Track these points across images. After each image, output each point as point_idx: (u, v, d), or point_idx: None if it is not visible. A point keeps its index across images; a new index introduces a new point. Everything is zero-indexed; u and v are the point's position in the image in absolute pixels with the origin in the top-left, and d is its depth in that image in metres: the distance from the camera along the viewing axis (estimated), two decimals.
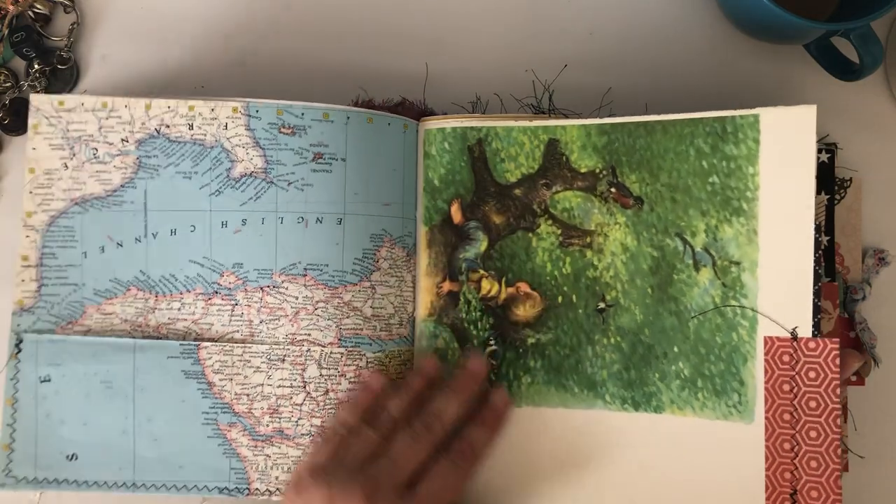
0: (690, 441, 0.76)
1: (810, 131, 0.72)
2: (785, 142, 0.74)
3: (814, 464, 0.72)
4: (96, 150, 0.78)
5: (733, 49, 0.88)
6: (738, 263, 0.75)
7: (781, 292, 0.74)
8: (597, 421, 0.78)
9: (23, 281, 0.78)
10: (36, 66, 0.85)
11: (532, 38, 0.88)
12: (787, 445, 0.73)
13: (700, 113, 0.76)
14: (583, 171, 0.80)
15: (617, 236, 0.78)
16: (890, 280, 0.86)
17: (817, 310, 0.73)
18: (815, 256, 0.74)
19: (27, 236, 0.78)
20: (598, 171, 0.79)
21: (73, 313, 0.78)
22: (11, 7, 0.85)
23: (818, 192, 0.84)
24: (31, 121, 0.79)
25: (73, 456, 0.76)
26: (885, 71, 0.88)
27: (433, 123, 0.82)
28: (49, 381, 0.76)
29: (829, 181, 0.85)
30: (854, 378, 0.84)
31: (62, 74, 0.86)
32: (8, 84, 0.86)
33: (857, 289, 0.85)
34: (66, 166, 0.78)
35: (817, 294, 0.73)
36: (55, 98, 0.79)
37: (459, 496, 0.74)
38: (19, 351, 0.77)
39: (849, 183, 0.86)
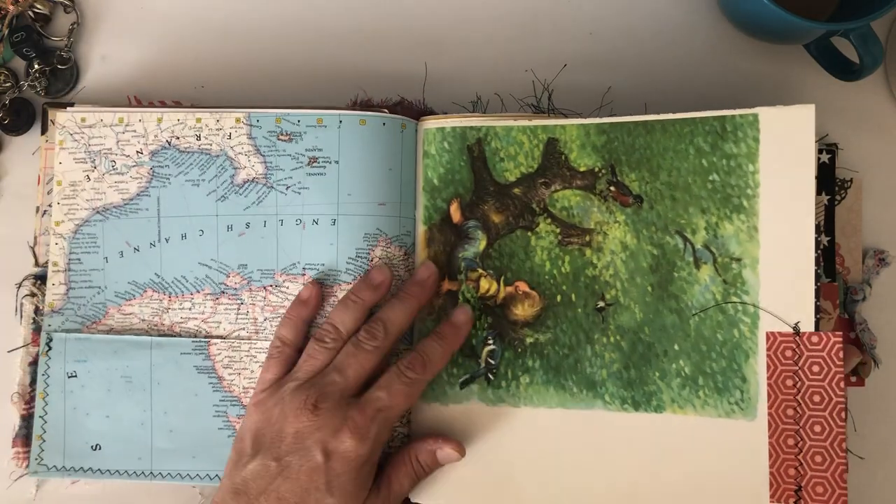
0: (692, 440, 0.71)
1: (809, 130, 0.70)
2: (784, 140, 0.71)
3: (819, 459, 0.68)
4: (114, 162, 0.78)
5: (733, 49, 0.84)
6: (738, 260, 0.71)
7: (783, 288, 0.70)
8: (596, 421, 0.73)
9: (53, 285, 0.78)
10: (36, 66, 0.82)
11: (532, 38, 0.84)
12: (790, 441, 0.68)
13: (699, 112, 0.73)
14: (582, 169, 0.75)
15: (616, 235, 0.74)
16: (890, 281, 0.82)
17: (817, 310, 0.70)
18: (814, 256, 0.73)
19: (56, 244, 0.78)
20: (597, 169, 0.75)
21: (96, 314, 0.78)
22: (11, 7, 0.81)
23: (818, 193, 0.79)
24: (56, 137, 0.79)
25: (97, 446, 0.77)
26: (885, 71, 0.83)
27: (432, 123, 0.78)
28: (75, 376, 0.77)
29: (830, 182, 0.81)
30: (854, 379, 0.79)
31: (62, 74, 0.83)
32: (8, 84, 0.82)
33: (858, 289, 0.80)
34: (89, 178, 0.79)
35: (816, 294, 0.69)
36: (78, 115, 0.79)
37: (408, 405, 0.71)
38: (49, 349, 0.77)
39: (849, 184, 0.81)
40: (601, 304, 0.74)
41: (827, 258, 0.81)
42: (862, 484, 0.80)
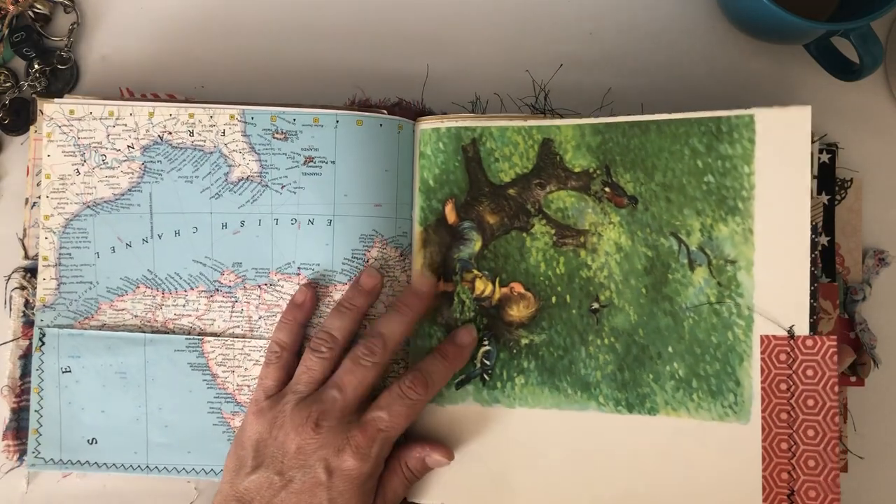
0: (685, 443, 0.71)
1: (805, 131, 0.69)
2: (780, 142, 0.70)
3: (812, 463, 0.68)
4: (105, 156, 0.77)
5: (733, 49, 0.83)
6: (733, 262, 0.70)
7: (778, 291, 0.70)
8: (591, 423, 0.73)
9: (44, 279, 0.77)
10: (36, 66, 0.81)
11: (532, 38, 0.84)
12: (784, 445, 0.68)
13: (694, 113, 0.72)
14: (577, 170, 0.74)
15: (611, 236, 0.74)
16: (890, 281, 0.82)
17: (814, 310, 0.69)
18: (811, 257, 0.71)
19: (46, 238, 0.77)
20: (592, 170, 0.74)
21: (88, 309, 0.77)
22: (11, 7, 0.81)
23: (818, 193, 0.79)
24: (44, 129, 0.77)
25: (93, 440, 0.77)
26: (885, 71, 0.83)
27: (428, 124, 0.77)
28: (70, 371, 0.77)
29: (830, 182, 0.81)
30: (854, 379, 0.79)
31: (62, 74, 0.82)
32: (8, 84, 0.82)
33: (858, 289, 0.80)
34: (79, 172, 0.78)
35: (813, 295, 0.69)
36: (66, 107, 0.78)
37: (408, 424, 0.71)
38: (43, 344, 0.77)
39: (849, 184, 0.81)
40: (595, 305, 0.74)
41: (827, 258, 0.81)
42: (862, 484, 0.80)
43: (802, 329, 0.69)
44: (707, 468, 0.70)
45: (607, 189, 0.74)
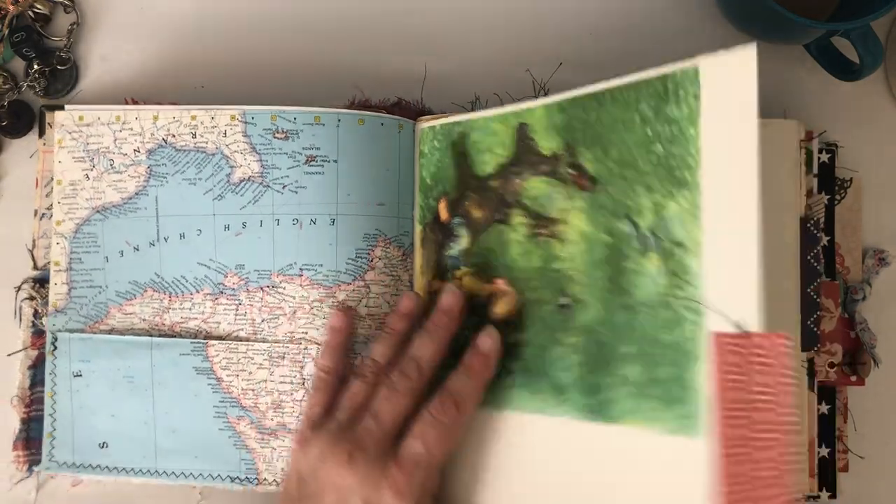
0: (641, 455, 0.61)
1: (750, 77, 0.56)
2: (724, 94, 0.58)
3: (767, 482, 0.55)
4: (112, 160, 0.79)
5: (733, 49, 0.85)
6: (680, 245, 0.59)
7: (726, 277, 0.57)
8: (564, 430, 0.66)
9: (56, 284, 0.79)
10: (36, 67, 0.82)
11: (532, 38, 0.84)
12: (737, 462, 0.56)
13: (642, 73, 0.63)
14: (546, 154, 0.68)
15: (576, 223, 0.66)
16: (890, 280, 0.82)
17: (815, 307, 0.68)
18: (812, 253, 0.70)
19: (57, 243, 0.79)
20: (559, 152, 0.67)
21: (98, 313, 0.79)
22: (11, 7, 0.82)
23: (818, 192, 0.79)
24: (55, 136, 0.79)
25: (104, 444, 0.78)
26: (885, 71, 0.83)
27: (426, 123, 0.78)
28: (80, 375, 0.78)
29: (830, 181, 0.81)
30: (854, 379, 0.79)
31: (62, 75, 0.83)
32: (7, 86, 0.83)
33: (858, 289, 0.80)
34: (88, 177, 0.79)
35: (816, 291, 0.68)
36: (76, 114, 0.79)
37: (449, 449, 0.67)
38: (55, 349, 0.78)
39: (849, 183, 0.81)
40: (564, 300, 0.67)
41: (827, 257, 0.80)
42: (862, 483, 0.80)
43: (752, 324, 0.55)
44: (656, 485, 0.61)
45: (571, 171, 0.67)
